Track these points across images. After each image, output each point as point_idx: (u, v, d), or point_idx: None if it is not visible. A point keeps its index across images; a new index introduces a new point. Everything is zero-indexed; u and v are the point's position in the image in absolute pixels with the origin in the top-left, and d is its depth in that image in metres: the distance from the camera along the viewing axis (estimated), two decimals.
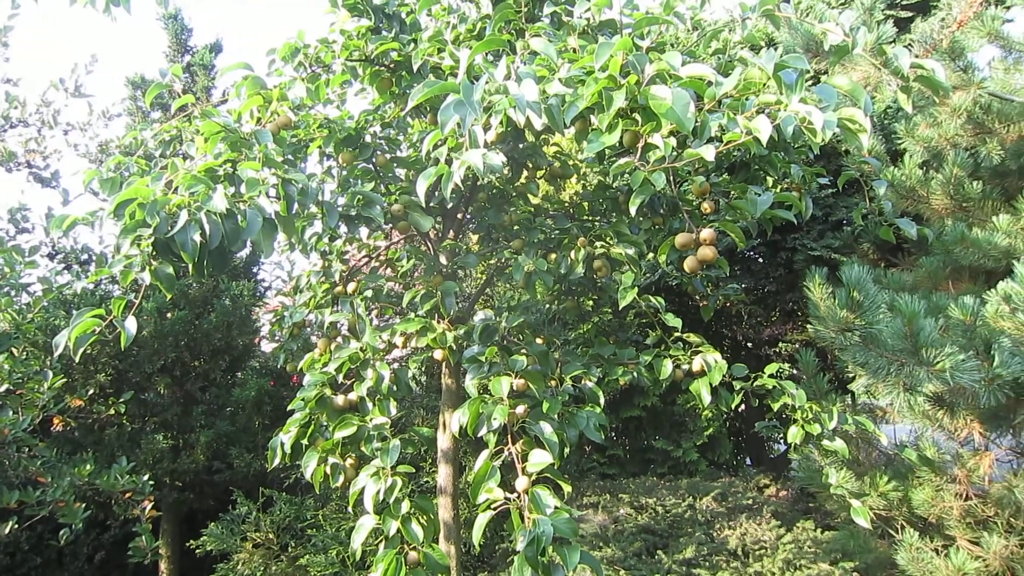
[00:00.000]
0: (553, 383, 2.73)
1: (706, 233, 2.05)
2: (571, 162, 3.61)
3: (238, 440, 4.45)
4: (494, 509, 2.17)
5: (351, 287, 3.13)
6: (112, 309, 2.04)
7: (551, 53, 1.85)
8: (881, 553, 3.37)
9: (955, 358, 2.35)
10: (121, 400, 3.70)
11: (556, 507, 2.12)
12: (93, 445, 4.22)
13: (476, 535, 2.16)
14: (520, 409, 2.39)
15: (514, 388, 2.49)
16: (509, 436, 2.36)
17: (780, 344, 5.65)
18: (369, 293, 3.04)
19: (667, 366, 2.99)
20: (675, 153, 1.73)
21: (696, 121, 1.76)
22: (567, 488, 2.29)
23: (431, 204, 3.36)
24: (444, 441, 3.24)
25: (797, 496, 4.57)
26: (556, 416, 2.49)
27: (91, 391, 3.98)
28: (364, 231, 3.54)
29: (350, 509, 2.47)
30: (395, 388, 2.76)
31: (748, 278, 5.09)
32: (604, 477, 5.30)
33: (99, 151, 3.85)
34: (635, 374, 3.15)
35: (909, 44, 3.23)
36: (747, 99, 1.74)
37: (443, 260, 3.27)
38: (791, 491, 4.70)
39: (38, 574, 4.54)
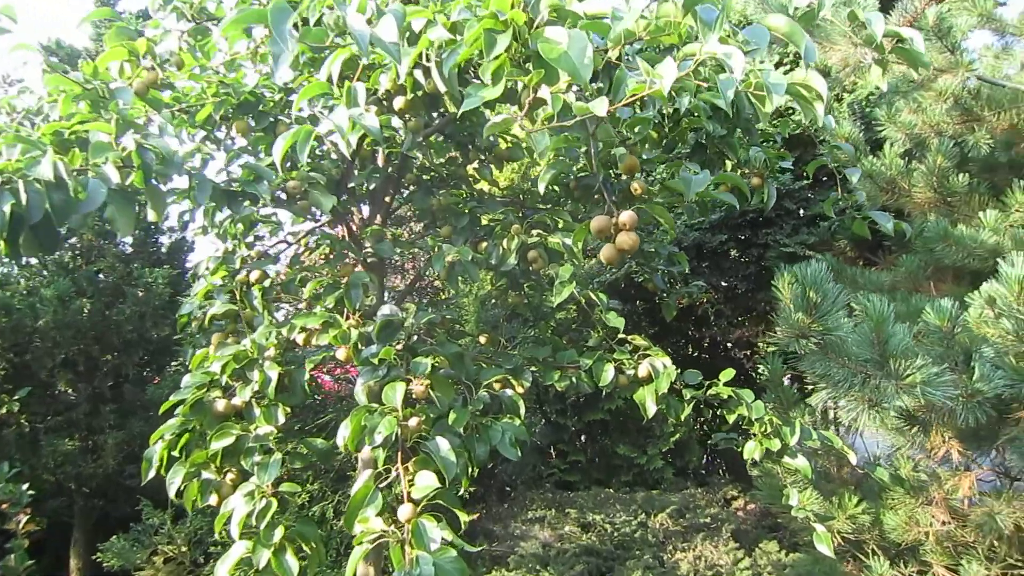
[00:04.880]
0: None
1: (625, 216, 1.68)
2: (524, 145, 3.27)
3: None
4: (371, 543, 1.82)
5: (254, 275, 2.75)
6: None
7: None
8: None
9: (928, 371, 2.00)
10: (15, 398, 3.34)
11: (444, 542, 1.77)
12: None
13: (348, 573, 1.81)
14: (413, 421, 2.03)
15: (413, 395, 2.14)
16: (400, 453, 2.00)
17: (756, 347, 5.31)
18: (268, 283, 2.67)
19: (608, 371, 2.64)
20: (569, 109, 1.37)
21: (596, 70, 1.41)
22: (464, 517, 1.94)
23: (350, 185, 3.02)
24: (366, 450, 2.87)
25: (764, 511, 4.23)
26: (462, 429, 2.14)
27: None
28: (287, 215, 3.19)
29: (216, 536, 2.12)
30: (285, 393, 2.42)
31: (717, 275, 4.72)
32: (562, 485, 4.94)
33: None
34: (574, 379, 2.81)
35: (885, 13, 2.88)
36: (662, 45, 1.39)
37: (368, 247, 2.91)
38: (759, 505, 4.36)
39: None
